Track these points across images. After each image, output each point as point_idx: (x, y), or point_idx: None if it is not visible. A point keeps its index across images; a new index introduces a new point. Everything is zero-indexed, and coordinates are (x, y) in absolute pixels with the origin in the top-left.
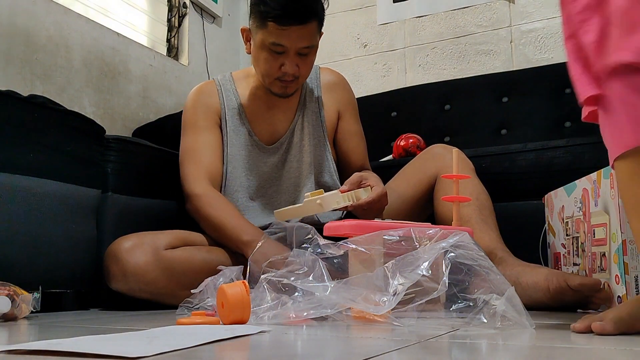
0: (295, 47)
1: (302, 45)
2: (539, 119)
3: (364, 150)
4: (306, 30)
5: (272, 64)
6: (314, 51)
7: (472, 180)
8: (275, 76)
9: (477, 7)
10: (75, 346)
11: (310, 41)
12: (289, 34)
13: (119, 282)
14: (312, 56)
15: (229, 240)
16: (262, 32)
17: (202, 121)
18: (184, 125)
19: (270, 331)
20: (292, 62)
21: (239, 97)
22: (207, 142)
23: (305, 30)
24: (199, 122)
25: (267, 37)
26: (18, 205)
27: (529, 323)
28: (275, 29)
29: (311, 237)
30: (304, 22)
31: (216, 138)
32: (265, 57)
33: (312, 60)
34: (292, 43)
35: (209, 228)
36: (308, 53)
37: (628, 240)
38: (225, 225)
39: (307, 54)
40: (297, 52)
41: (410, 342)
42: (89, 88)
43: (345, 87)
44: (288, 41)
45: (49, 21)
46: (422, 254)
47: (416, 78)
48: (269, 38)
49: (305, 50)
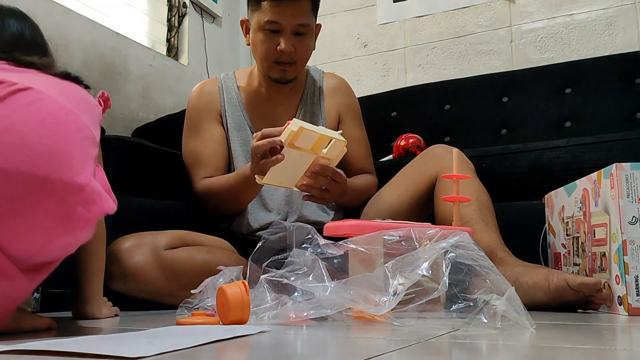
0: (289, 24)
1: (297, 22)
2: (539, 119)
3: (363, 155)
4: (300, 7)
5: (269, 45)
6: (310, 33)
7: (472, 180)
8: (272, 58)
9: (477, 7)
10: (75, 346)
11: (304, 19)
12: (283, 11)
13: (118, 283)
14: (308, 39)
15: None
16: (258, 13)
17: (205, 122)
18: (187, 126)
19: (270, 331)
20: (288, 41)
21: (240, 95)
22: (211, 144)
23: (300, 8)
24: (201, 123)
25: (262, 16)
26: None
27: (529, 323)
28: (269, 7)
29: (311, 237)
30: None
31: (219, 137)
32: (261, 39)
33: (308, 44)
34: (286, 20)
35: (224, 199)
36: (304, 33)
37: (628, 240)
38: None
39: (303, 33)
40: (292, 30)
41: (410, 342)
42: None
43: (348, 92)
44: (282, 17)
45: (49, 21)
46: (422, 254)
47: (416, 78)
48: (264, 17)
49: (301, 28)
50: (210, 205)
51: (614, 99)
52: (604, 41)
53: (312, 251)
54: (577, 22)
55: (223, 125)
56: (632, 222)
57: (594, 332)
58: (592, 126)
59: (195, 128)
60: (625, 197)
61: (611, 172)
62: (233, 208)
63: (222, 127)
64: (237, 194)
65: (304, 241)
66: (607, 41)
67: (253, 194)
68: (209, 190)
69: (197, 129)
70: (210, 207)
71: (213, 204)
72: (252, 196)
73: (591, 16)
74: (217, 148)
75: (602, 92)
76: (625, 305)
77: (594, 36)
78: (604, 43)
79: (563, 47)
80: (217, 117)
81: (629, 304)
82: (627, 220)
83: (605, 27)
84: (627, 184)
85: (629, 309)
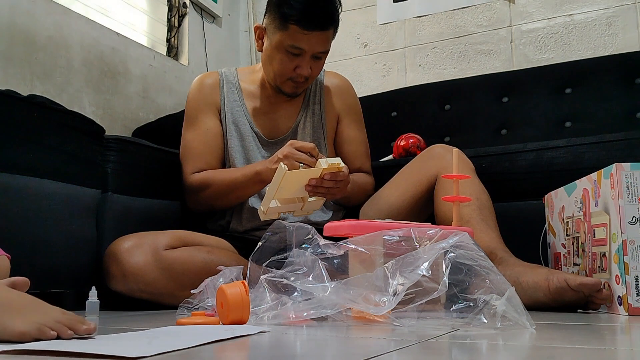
0: (312, 51)
1: (320, 50)
2: (539, 119)
3: (362, 156)
4: (325, 35)
5: (287, 65)
6: (326, 55)
7: (472, 180)
8: (288, 76)
9: (477, 7)
10: (75, 346)
11: (327, 46)
12: (310, 39)
13: (118, 283)
14: (324, 59)
15: (246, 183)
16: (282, 33)
17: (202, 114)
18: (186, 117)
19: (270, 331)
20: (307, 65)
21: (241, 92)
22: (205, 138)
23: (325, 36)
24: (199, 116)
25: (287, 39)
26: (18, 205)
27: (529, 323)
28: (296, 33)
29: (311, 237)
30: (326, 28)
31: (215, 130)
32: (281, 58)
33: (323, 63)
34: (310, 47)
35: (222, 193)
36: (322, 57)
37: (628, 240)
38: (234, 177)
39: (321, 57)
40: (313, 55)
41: (410, 342)
42: (88, 88)
43: (349, 92)
44: (307, 45)
45: (49, 21)
46: (422, 254)
47: (416, 78)
48: (289, 40)
49: (320, 54)
50: (202, 197)
51: (614, 99)
52: (604, 41)
53: (312, 251)
54: (577, 22)
55: (221, 119)
56: (632, 222)
57: (594, 332)
58: (592, 126)
59: (192, 120)
60: (625, 197)
61: (611, 172)
62: (229, 203)
63: (220, 120)
64: (241, 188)
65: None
66: (607, 41)
67: (257, 191)
68: (204, 183)
69: (193, 121)
70: (201, 199)
71: (206, 197)
72: (254, 193)
73: (591, 16)
74: (210, 142)
75: (602, 92)
76: (625, 305)
77: (594, 36)
78: (604, 43)
79: (563, 47)
80: (214, 110)
81: (629, 304)
82: (627, 220)
83: (605, 27)
84: (627, 184)
85: (629, 309)
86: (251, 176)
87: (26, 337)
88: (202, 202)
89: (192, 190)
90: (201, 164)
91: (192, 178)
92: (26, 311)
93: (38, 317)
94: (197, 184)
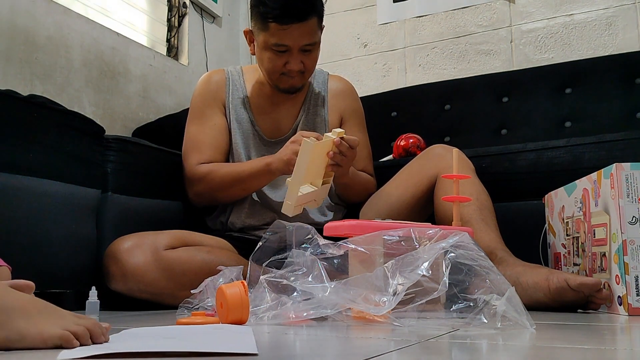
0: (297, 45)
1: (304, 42)
2: (539, 119)
3: (365, 158)
4: (307, 27)
5: (277, 63)
6: (317, 46)
7: (472, 180)
8: (280, 72)
9: (477, 7)
10: (177, 345)
11: (312, 38)
12: (291, 33)
13: (118, 283)
14: (315, 52)
15: (254, 174)
16: (264, 33)
17: (209, 109)
18: (191, 112)
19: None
20: (296, 60)
21: (245, 90)
22: (211, 132)
23: (307, 28)
24: (206, 110)
25: (269, 38)
26: (18, 205)
27: (529, 323)
28: (276, 30)
29: (311, 237)
30: (304, 19)
31: (221, 126)
32: (269, 57)
33: (316, 55)
34: (294, 41)
35: (228, 184)
36: (311, 50)
37: (628, 240)
38: (242, 168)
39: (311, 50)
40: (300, 49)
41: (410, 342)
42: (88, 88)
43: (352, 96)
44: (290, 40)
45: (49, 21)
46: (422, 254)
47: (416, 78)
48: (271, 39)
49: (308, 47)
50: (206, 188)
51: (614, 99)
52: (604, 41)
53: (312, 251)
54: (577, 22)
55: (226, 116)
56: (632, 222)
57: (594, 332)
58: (592, 126)
59: (199, 114)
60: (625, 197)
61: (611, 172)
62: (233, 195)
63: (225, 117)
64: (248, 180)
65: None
66: (607, 41)
67: (263, 184)
68: (210, 173)
69: (200, 115)
70: (205, 190)
71: (211, 188)
72: (260, 186)
73: (591, 16)
74: (217, 136)
75: (602, 92)
76: (625, 305)
77: (594, 36)
78: (604, 43)
79: (563, 47)
80: (221, 106)
81: (629, 304)
82: (627, 220)
83: (605, 27)
84: (627, 184)
85: (629, 309)
86: (261, 167)
87: (49, 342)
88: (205, 193)
89: (196, 180)
90: (207, 156)
91: (198, 168)
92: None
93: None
94: (202, 174)
